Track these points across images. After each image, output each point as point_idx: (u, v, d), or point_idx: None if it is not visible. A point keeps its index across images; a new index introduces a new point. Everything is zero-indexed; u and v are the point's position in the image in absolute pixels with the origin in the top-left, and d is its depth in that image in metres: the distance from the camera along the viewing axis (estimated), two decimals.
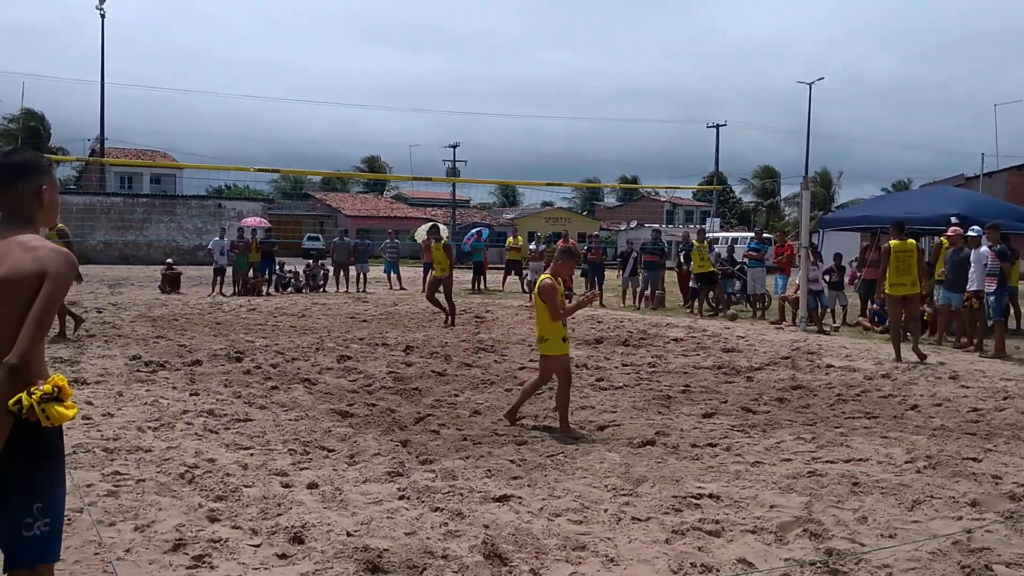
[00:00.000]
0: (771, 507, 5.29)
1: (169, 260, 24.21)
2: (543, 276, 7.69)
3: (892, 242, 12.24)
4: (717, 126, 57.19)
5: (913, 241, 12.40)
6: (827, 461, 6.42)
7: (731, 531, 4.88)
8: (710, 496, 5.48)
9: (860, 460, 6.45)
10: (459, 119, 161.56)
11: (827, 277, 16.45)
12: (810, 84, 58.99)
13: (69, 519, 4.71)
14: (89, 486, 5.35)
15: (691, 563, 4.35)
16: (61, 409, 2.51)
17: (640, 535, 4.79)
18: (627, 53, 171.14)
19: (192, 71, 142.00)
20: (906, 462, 6.40)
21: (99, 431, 6.78)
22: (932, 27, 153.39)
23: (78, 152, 52.85)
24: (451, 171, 57.22)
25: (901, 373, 10.63)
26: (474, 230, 30.48)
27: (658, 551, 4.56)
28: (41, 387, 2.48)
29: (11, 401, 2.46)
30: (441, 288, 16.16)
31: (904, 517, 5.16)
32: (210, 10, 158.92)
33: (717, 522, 4.99)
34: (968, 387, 9.78)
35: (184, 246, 41.66)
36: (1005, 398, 9.08)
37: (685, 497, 5.44)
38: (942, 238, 14.60)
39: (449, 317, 15.79)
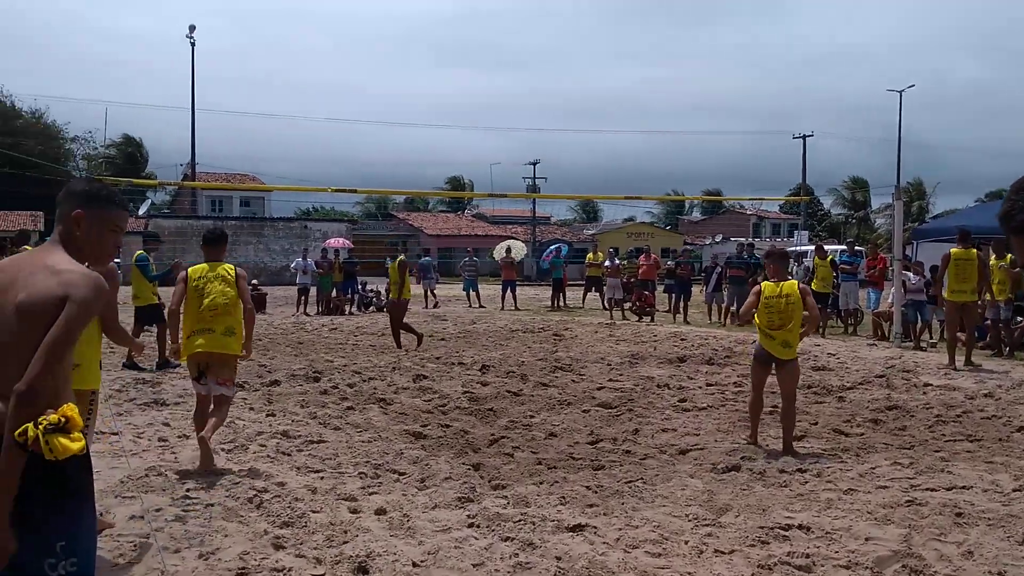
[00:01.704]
0: (866, 539, 4.91)
1: (254, 281, 24.65)
2: (790, 283, 7.31)
3: (953, 250, 12.76)
4: (804, 136, 55.88)
5: (975, 250, 12.69)
6: (927, 489, 5.98)
7: (822, 566, 4.54)
8: (799, 527, 5.13)
9: (963, 488, 5.98)
10: (537, 136, 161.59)
11: (926, 291, 15.70)
12: (900, 92, 57.19)
13: (136, 545, 4.66)
14: (158, 510, 5.30)
15: None
16: (65, 441, 2.34)
17: (723, 570, 4.48)
18: (702, 66, 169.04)
19: (274, 96, 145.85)
20: (1014, 490, 5.91)
21: (173, 453, 6.78)
22: (1020, 29, 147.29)
23: (172, 176, 54.61)
24: (531, 188, 57.17)
25: (1005, 392, 9.98)
26: (553, 246, 30.24)
27: None
28: (48, 417, 2.35)
29: (17, 431, 2.33)
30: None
31: (1014, 552, 4.72)
32: (288, 37, 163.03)
33: (807, 556, 4.64)
34: None
35: (271, 267, 42.57)
36: None
37: (772, 528, 5.09)
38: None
39: (417, 339, 14.55)
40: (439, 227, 60.61)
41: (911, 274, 15.56)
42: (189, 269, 6.81)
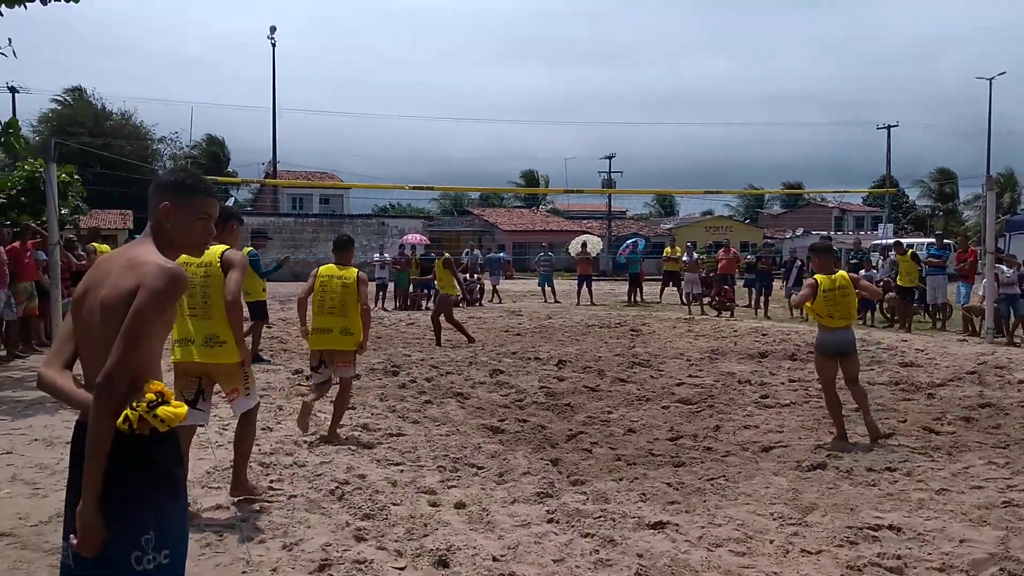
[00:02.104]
0: (961, 541, 4.72)
1: None
2: (841, 274, 7.52)
3: None
4: (888, 127, 54.28)
5: None
6: None
7: (915, 568, 4.38)
8: (889, 527, 4.96)
9: None
10: (612, 130, 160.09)
11: (1020, 284, 15.06)
12: (990, 80, 55.07)
13: (221, 535, 4.76)
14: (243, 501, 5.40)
15: None
16: (170, 410, 2.38)
17: (811, 570, 4.36)
18: (779, 56, 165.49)
19: (349, 95, 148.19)
20: None
21: (257, 445, 6.87)
22: None
23: (254, 175, 55.82)
24: (607, 183, 56.83)
25: None
26: (629, 241, 29.95)
27: None
28: (143, 399, 2.39)
29: (119, 421, 2.37)
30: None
31: None
32: (361, 35, 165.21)
33: (899, 557, 4.48)
34: None
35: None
36: None
37: (861, 528, 4.94)
38: None
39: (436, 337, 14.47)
40: (514, 222, 60.72)
41: (1004, 267, 14.94)
42: (321, 268, 7.49)
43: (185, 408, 2.46)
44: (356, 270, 7.36)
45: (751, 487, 5.91)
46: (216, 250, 5.30)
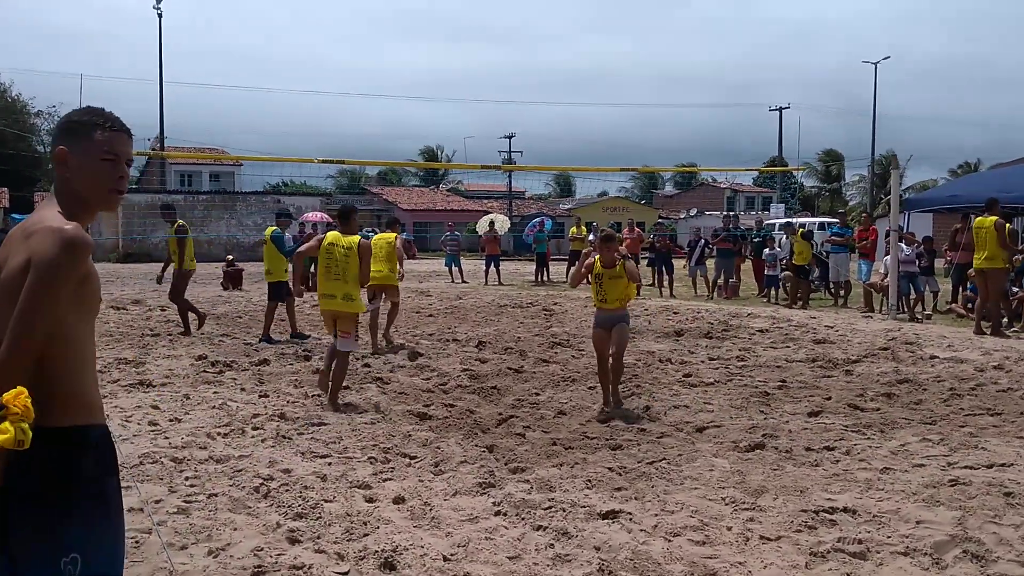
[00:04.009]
0: (918, 523, 4.64)
1: (230, 256, 24.09)
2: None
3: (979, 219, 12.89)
4: (780, 109, 55.78)
5: (992, 219, 12.44)
6: (966, 467, 5.72)
7: (879, 552, 4.26)
8: (844, 510, 4.85)
9: (1004, 465, 5.73)
10: (510, 111, 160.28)
11: (918, 262, 15.52)
12: (875, 64, 57.17)
13: (137, 541, 4.28)
14: (158, 502, 4.91)
15: None
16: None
17: (775, 559, 4.19)
18: (673, 39, 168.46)
19: (239, 69, 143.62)
20: None
21: (167, 438, 6.37)
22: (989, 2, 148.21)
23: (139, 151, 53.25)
24: (507, 162, 56.65)
25: (1014, 364, 9.79)
26: (536, 220, 29.78)
27: None
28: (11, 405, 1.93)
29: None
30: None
31: None
32: (252, 8, 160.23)
33: (860, 542, 4.36)
34: None
35: (244, 242, 41.73)
36: None
37: (816, 512, 4.81)
38: None
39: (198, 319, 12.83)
40: (414, 201, 59.94)
41: (904, 244, 15.36)
42: (328, 234, 8.07)
43: (11, 435, 1.91)
44: (359, 238, 7.88)
45: (695, 470, 5.74)
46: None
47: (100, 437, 2.19)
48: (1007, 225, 12.99)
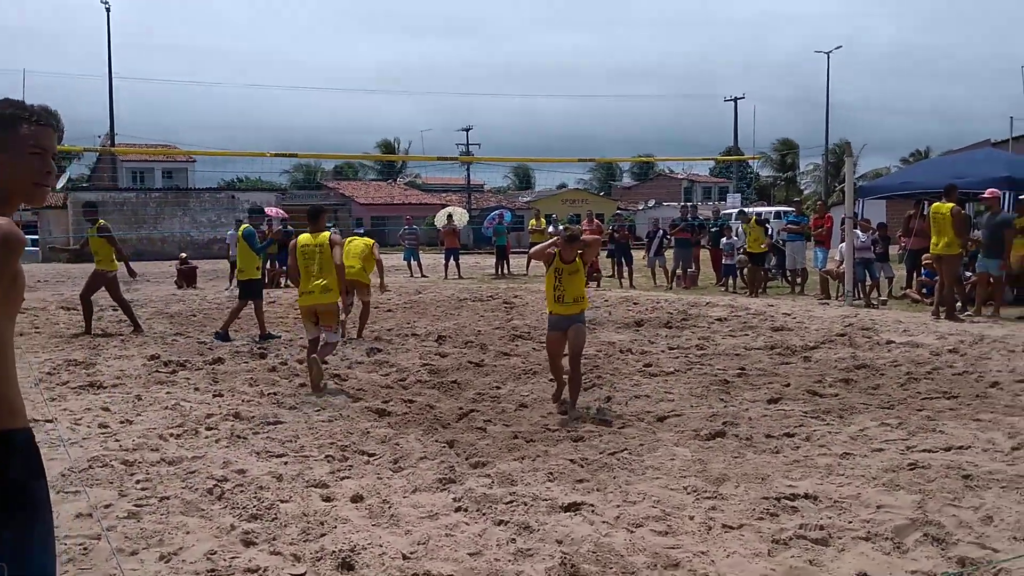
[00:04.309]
0: (878, 507, 4.64)
1: (183, 254, 23.68)
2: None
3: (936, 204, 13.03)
4: (735, 99, 56.24)
5: (949, 204, 12.59)
6: (924, 450, 5.76)
7: (841, 538, 4.25)
8: (805, 496, 4.84)
9: (961, 448, 5.78)
10: (467, 104, 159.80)
11: (873, 248, 15.70)
12: (828, 53, 57.79)
13: (86, 547, 4.13)
14: (108, 507, 4.75)
15: None
16: None
17: (737, 547, 4.16)
18: (627, 31, 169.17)
19: (193, 65, 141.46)
20: (1014, 448, 5.72)
21: (117, 441, 6.20)
22: None
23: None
24: (465, 154, 56.45)
25: (969, 347, 9.91)
26: (495, 213, 29.66)
27: (764, 567, 3.93)
28: None
29: None
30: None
31: None
32: (203, 2, 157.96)
33: (822, 528, 4.35)
34: None
35: (199, 240, 41.19)
36: None
37: (778, 499, 4.80)
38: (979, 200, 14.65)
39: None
40: (371, 196, 59.55)
41: (859, 231, 15.52)
42: (299, 238, 8.64)
43: None
44: (328, 233, 8.56)
45: (656, 460, 5.71)
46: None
47: (25, 441, 2.08)
48: (962, 212, 13.16)
